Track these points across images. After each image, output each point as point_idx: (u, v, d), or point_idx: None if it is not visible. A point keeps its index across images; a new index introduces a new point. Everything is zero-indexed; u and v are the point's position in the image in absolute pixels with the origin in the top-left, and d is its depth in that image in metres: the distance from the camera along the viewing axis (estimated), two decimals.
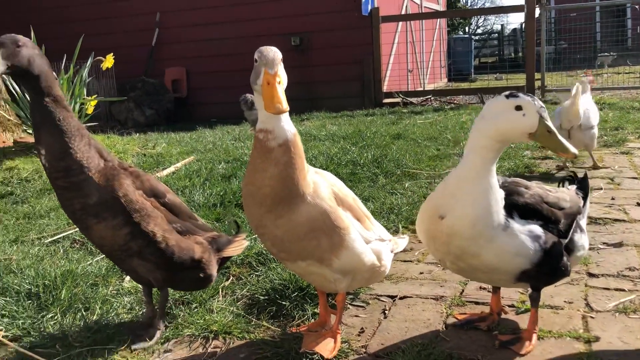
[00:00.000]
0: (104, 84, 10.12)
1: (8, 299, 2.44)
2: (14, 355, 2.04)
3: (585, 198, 2.06)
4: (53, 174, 1.90)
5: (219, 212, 3.54)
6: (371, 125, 7.34)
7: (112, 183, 1.91)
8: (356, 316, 2.21)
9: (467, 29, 32.92)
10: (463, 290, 2.40)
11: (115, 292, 2.52)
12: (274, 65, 1.66)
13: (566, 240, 1.89)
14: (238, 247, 2.29)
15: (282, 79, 1.67)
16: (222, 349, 2.02)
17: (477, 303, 2.29)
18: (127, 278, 2.68)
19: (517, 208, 1.80)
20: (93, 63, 5.38)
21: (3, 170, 4.63)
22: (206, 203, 3.76)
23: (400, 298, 2.34)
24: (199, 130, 8.62)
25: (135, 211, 1.93)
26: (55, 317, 2.28)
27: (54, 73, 1.95)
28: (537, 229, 1.80)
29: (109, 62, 5.17)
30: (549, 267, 1.83)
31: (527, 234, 1.78)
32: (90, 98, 5.22)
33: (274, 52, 1.69)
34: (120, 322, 2.23)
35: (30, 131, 5.24)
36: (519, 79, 12.92)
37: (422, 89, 13.18)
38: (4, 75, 1.92)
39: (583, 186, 2.10)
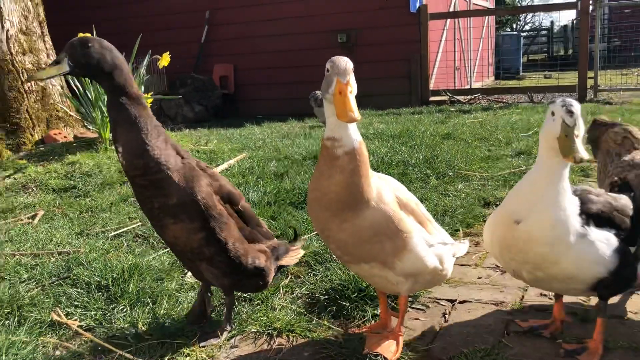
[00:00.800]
0: (154, 79, 10.38)
1: (80, 290, 2.56)
2: (89, 345, 2.14)
3: None
4: (131, 172, 1.92)
5: (274, 210, 3.60)
6: (419, 124, 7.29)
7: (192, 185, 1.92)
8: (417, 319, 2.23)
9: (515, 25, 32.21)
10: (523, 296, 2.39)
11: (179, 286, 2.61)
12: (346, 75, 1.70)
13: (634, 248, 1.87)
14: (294, 256, 2.34)
15: (353, 88, 1.71)
16: (287, 346, 2.07)
17: (537, 310, 2.27)
18: (189, 274, 2.77)
19: (592, 216, 1.80)
20: (149, 60, 5.54)
21: (65, 164, 4.82)
22: (261, 201, 3.83)
23: (460, 302, 2.35)
24: (247, 127, 8.74)
25: (212, 217, 1.96)
26: (125, 310, 2.38)
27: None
28: (612, 237, 1.80)
29: (165, 60, 5.29)
30: (623, 275, 1.82)
31: (605, 242, 1.78)
32: (147, 95, 5.38)
33: (345, 62, 1.72)
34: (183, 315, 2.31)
35: (90, 127, 5.44)
36: (570, 78, 12.59)
37: (469, 86, 13.01)
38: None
39: None
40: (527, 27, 36.32)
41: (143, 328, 2.22)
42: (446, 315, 2.25)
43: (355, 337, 2.05)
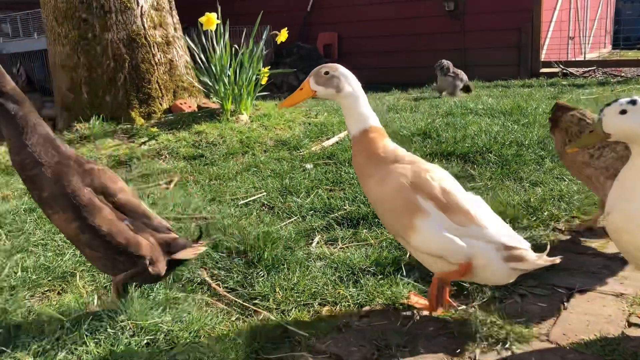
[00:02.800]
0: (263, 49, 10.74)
1: (221, 254, 2.89)
2: (236, 303, 2.44)
3: None
4: (15, 167, 2.17)
5: None
6: (530, 99, 7.10)
7: (62, 179, 2.11)
8: (535, 304, 2.33)
9: None
10: None
11: (306, 255, 2.86)
12: (309, 75, 2.23)
13: None
14: (192, 252, 2.38)
15: (306, 87, 2.23)
16: (412, 320, 2.26)
17: None
18: (314, 244, 3.02)
19: None
20: (269, 36, 5.83)
21: (192, 133, 5.25)
22: None
23: (579, 291, 2.41)
24: None
25: (82, 206, 2.12)
26: (263, 274, 2.67)
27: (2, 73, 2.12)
28: None
29: (283, 36, 5.56)
30: None
31: None
32: (265, 70, 5.68)
33: (316, 69, 2.23)
34: (320, 282, 2.55)
35: (213, 98, 5.84)
36: None
37: (582, 57, 12.32)
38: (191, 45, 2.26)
39: None
40: None
41: (280, 292, 2.50)
42: (565, 303, 2.33)
43: (475, 315, 2.19)
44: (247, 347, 2.07)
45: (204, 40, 5.58)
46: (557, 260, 2.09)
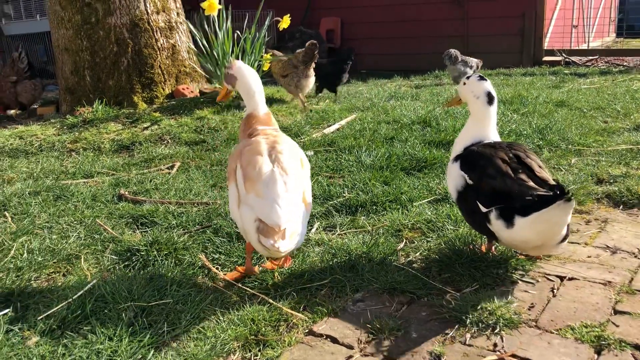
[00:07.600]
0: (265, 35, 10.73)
1: (222, 238, 2.96)
2: (236, 287, 2.52)
3: None
4: None
5: (387, 175, 3.83)
6: (531, 87, 7.14)
7: None
8: (526, 292, 2.40)
9: None
10: (632, 279, 2.48)
11: (304, 241, 2.93)
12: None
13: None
14: None
15: (223, 85, 2.73)
16: (405, 305, 2.34)
17: None
18: (314, 229, 3.09)
19: (461, 158, 2.60)
20: (271, 21, 5.85)
21: (194, 119, 5.30)
22: (373, 165, 4.07)
23: (569, 279, 2.48)
24: (353, 84, 8.92)
25: None
26: (262, 259, 2.74)
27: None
28: (460, 178, 2.55)
29: (285, 22, 5.59)
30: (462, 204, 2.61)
31: (456, 175, 2.58)
32: (267, 56, 5.71)
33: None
34: (317, 267, 2.63)
35: (216, 83, 5.88)
36: None
37: (586, 46, 12.29)
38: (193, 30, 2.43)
39: None
40: None
41: (279, 277, 2.57)
42: (554, 290, 2.40)
43: (467, 301, 2.27)
44: (245, 328, 2.15)
45: (206, 26, 5.61)
46: (281, 249, 2.22)
